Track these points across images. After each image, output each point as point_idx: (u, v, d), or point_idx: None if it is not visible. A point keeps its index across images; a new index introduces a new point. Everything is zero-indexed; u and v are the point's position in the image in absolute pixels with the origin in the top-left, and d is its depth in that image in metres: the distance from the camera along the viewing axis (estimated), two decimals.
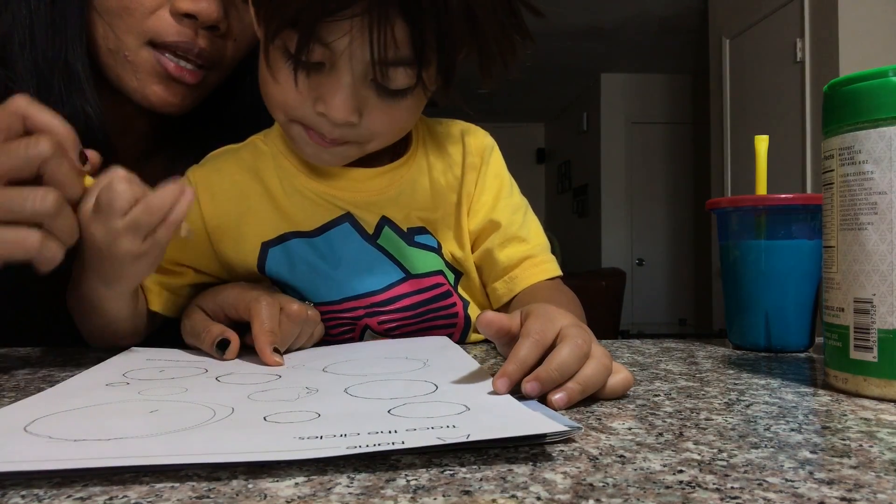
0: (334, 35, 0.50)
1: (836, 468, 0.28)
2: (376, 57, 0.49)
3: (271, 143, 0.65)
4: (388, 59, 0.50)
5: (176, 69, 0.65)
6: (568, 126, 6.79)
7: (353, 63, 0.51)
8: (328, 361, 0.52)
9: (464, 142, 0.68)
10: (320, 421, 0.34)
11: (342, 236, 0.63)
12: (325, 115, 0.54)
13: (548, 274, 0.67)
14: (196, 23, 0.64)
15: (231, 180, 0.64)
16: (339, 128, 0.55)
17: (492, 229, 0.67)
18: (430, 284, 0.66)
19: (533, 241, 0.68)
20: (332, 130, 0.55)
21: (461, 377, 0.45)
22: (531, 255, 0.67)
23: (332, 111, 0.53)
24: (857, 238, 0.42)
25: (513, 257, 0.67)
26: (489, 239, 0.67)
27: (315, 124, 0.55)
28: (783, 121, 3.16)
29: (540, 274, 0.67)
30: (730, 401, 0.41)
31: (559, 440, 0.32)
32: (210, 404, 0.38)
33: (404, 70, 0.51)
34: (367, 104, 0.54)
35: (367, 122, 0.55)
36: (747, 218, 0.63)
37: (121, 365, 0.52)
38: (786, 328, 0.61)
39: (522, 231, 0.68)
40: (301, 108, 0.55)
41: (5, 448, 0.30)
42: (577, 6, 4.21)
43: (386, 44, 0.49)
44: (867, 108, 0.41)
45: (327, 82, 0.53)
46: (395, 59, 0.50)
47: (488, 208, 0.67)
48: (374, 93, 0.54)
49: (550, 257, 0.69)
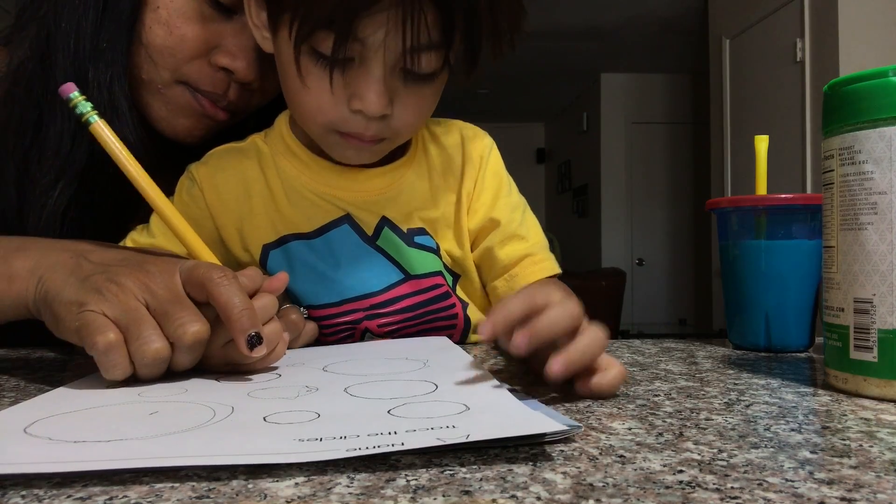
0: (370, 29, 0.50)
1: (836, 468, 0.28)
2: (408, 45, 0.50)
3: (271, 144, 0.65)
4: (420, 45, 0.51)
5: (211, 107, 0.68)
6: (568, 126, 6.79)
7: (386, 54, 0.51)
8: (328, 361, 0.52)
9: (463, 142, 0.68)
10: (320, 422, 0.34)
11: (341, 237, 0.63)
12: (362, 111, 0.54)
13: (547, 272, 0.67)
14: (231, 76, 0.66)
15: (235, 180, 0.64)
16: (374, 123, 0.55)
17: (491, 227, 0.67)
18: (429, 285, 0.66)
19: (532, 238, 0.68)
20: (367, 127, 0.56)
21: (461, 377, 0.45)
22: (531, 252, 0.67)
23: (368, 105, 0.53)
24: (857, 238, 0.42)
25: (512, 255, 0.67)
26: (489, 237, 0.67)
27: (351, 126, 0.56)
28: (783, 121, 3.17)
29: (539, 272, 0.67)
30: (730, 401, 0.41)
31: (559, 440, 0.32)
32: (210, 404, 0.38)
33: (434, 54, 0.52)
34: (397, 94, 0.55)
35: (398, 112, 0.56)
36: (747, 218, 0.63)
37: None
38: (786, 328, 0.61)
39: (522, 229, 0.68)
40: (336, 109, 0.55)
41: (6, 450, 0.30)
42: (577, 6, 4.21)
43: (419, 30, 0.49)
44: (867, 108, 0.41)
45: (359, 77, 0.53)
46: (427, 44, 0.51)
47: (488, 207, 0.67)
48: (401, 82, 0.54)
49: (549, 255, 0.69)
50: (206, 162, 0.66)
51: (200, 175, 0.65)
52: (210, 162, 0.66)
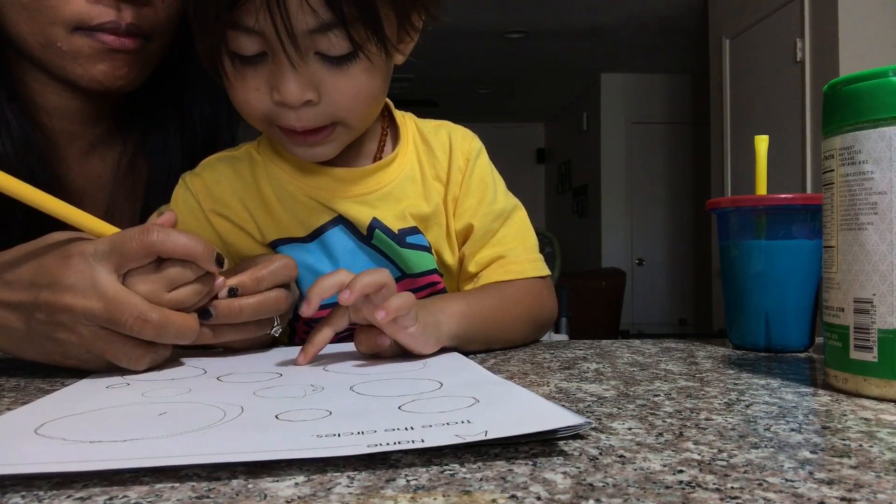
0: (251, 17, 0.51)
1: (836, 468, 0.28)
2: (302, 28, 0.51)
3: (263, 152, 0.66)
4: (310, 27, 0.51)
5: (115, 41, 0.65)
6: (568, 126, 6.79)
7: (286, 41, 0.52)
8: (327, 361, 0.52)
9: (451, 144, 0.68)
10: (333, 418, 0.34)
11: (336, 239, 0.64)
12: (283, 102, 0.54)
13: (511, 275, 0.66)
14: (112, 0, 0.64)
15: (230, 188, 0.65)
16: (302, 111, 0.55)
17: (469, 233, 0.68)
18: (425, 283, 0.66)
19: (508, 244, 0.68)
20: (298, 117, 0.56)
21: (463, 374, 0.45)
22: (500, 256, 0.67)
23: (285, 94, 0.54)
24: (857, 238, 0.42)
25: (481, 262, 0.67)
26: (466, 244, 0.68)
27: (283, 119, 0.56)
28: (783, 121, 3.16)
29: (502, 274, 0.66)
30: (730, 401, 0.41)
31: (569, 435, 0.32)
32: (218, 404, 0.38)
33: (334, 34, 0.52)
34: (320, 79, 0.55)
35: (328, 97, 0.56)
36: (747, 218, 0.63)
37: None
38: (786, 328, 0.61)
39: (496, 238, 0.68)
40: (264, 104, 0.56)
41: (21, 450, 0.30)
42: (577, 6, 4.21)
43: (303, 12, 0.50)
44: (867, 108, 0.41)
45: (273, 69, 0.54)
46: (318, 25, 0.52)
47: (472, 212, 0.67)
48: (321, 66, 0.55)
49: (528, 258, 0.68)
50: (200, 173, 0.66)
51: (195, 185, 0.65)
52: (204, 173, 0.66)
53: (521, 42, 4.86)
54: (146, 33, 0.67)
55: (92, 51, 0.65)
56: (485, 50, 5.04)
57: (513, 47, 5.00)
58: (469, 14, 4.13)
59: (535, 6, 4.19)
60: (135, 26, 0.66)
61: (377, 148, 0.67)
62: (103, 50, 0.65)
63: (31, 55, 0.67)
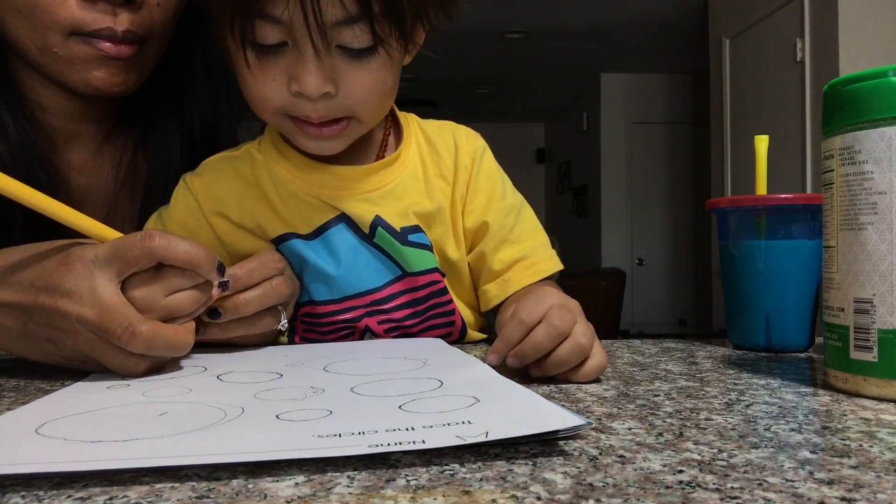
0: (279, 7, 0.51)
1: (836, 468, 0.28)
2: (329, 20, 0.51)
3: (264, 151, 0.66)
4: (337, 19, 0.52)
5: (112, 48, 0.65)
6: (568, 126, 6.79)
7: (311, 32, 0.52)
8: (327, 361, 0.52)
9: (455, 143, 0.68)
10: (334, 418, 0.34)
11: (339, 237, 0.64)
12: (302, 93, 0.54)
13: (540, 275, 0.67)
14: (107, 5, 0.64)
15: (231, 187, 0.65)
16: (319, 103, 0.55)
17: (485, 231, 0.68)
18: (426, 282, 0.66)
19: (527, 241, 0.68)
20: (315, 109, 0.56)
21: (464, 372, 0.45)
22: (524, 256, 0.67)
23: (304, 86, 0.54)
24: (857, 238, 0.42)
25: (505, 261, 0.67)
26: (482, 242, 0.68)
27: (298, 110, 0.56)
28: (783, 121, 3.17)
29: (532, 276, 0.67)
30: (730, 401, 0.41)
31: (569, 435, 0.32)
32: (219, 405, 0.38)
33: (359, 27, 0.53)
34: (339, 71, 0.55)
35: (346, 90, 0.56)
36: (747, 218, 0.63)
37: None
38: (786, 328, 0.61)
39: (514, 234, 0.68)
40: (280, 95, 0.56)
41: (22, 449, 0.30)
42: (577, 6, 4.21)
43: (332, 3, 0.51)
44: (867, 108, 0.41)
45: (294, 60, 0.54)
46: (345, 17, 0.52)
47: (482, 209, 0.67)
48: (341, 59, 0.55)
49: (547, 255, 0.69)
50: (200, 173, 0.66)
51: (195, 185, 0.65)
52: (204, 173, 0.66)
53: (521, 42, 4.86)
54: (142, 38, 0.67)
55: (89, 57, 0.65)
56: (485, 50, 5.04)
57: (513, 47, 5.00)
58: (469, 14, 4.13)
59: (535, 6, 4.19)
60: (131, 32, 0.65)
61: (380, 146, 0.67)
62: (100, 57, 0.65)
63: (29, 59, 0.67)
